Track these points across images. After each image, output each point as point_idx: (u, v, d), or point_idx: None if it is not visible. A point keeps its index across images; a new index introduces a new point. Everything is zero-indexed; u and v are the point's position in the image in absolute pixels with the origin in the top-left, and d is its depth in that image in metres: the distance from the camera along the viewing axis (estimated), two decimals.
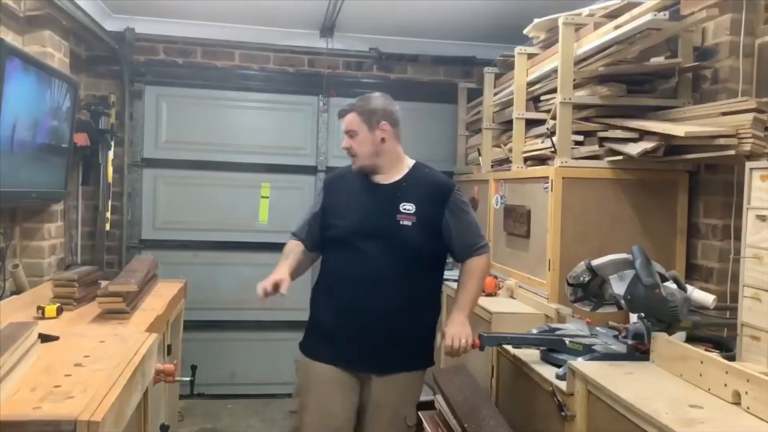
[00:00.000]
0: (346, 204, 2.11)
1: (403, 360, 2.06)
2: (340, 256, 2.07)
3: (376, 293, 2.00)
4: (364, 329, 2.00)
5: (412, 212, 2.02)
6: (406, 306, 2.02)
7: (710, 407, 1.40)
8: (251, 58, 4.06)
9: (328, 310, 2.07)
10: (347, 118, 2.10)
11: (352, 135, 2.08)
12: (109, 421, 1.23)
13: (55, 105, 2.86)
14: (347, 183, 2.14)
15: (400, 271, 2.01)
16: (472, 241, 2.08)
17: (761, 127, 2.00)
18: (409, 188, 2.07)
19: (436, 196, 2.06)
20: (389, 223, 2.02)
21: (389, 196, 2.05)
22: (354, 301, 2.02)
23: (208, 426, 3.63)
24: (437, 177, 2.14)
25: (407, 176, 2.10)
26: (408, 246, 2.01)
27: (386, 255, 2.01)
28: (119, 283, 2.13)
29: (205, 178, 4.01)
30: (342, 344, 2.03)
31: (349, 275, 2.04)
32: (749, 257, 1.68)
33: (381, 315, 2.00)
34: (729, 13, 2.33)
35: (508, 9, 3.34)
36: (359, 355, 2.02)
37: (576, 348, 1.91)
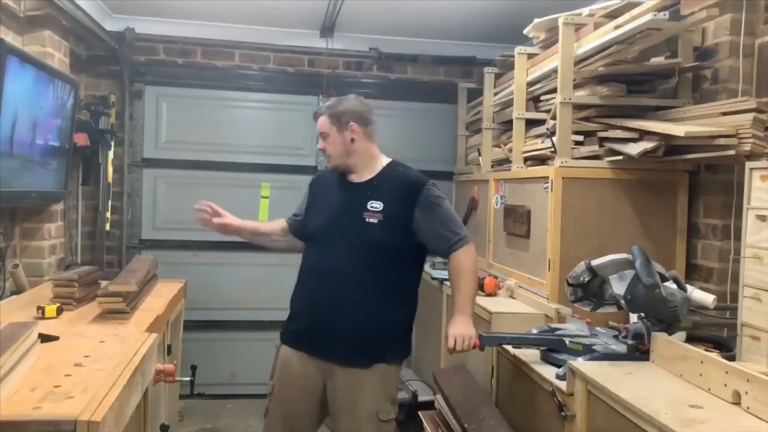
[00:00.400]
0: (320, 203, 2.24)
1: (369, 354, 2.07)
2: (312, 251, 2.19)
3: (340, 288, 2.07)
4: (328, 321, 2.08)
5: (379, 210, 2.08)
6: (371, 301, 2.07)
7: (710, 407, 1.40)
8: (251, 58, 4.06)
9: (300, 301, 2.19)
10: (319, 120, 2.20)
11: (324, 137, 2.18)
12: (109, 421, 1.23)
13: (55, 105, 2.86)
14: (326, 183, 2.26)
15: (366, 267, 2.07)
16: (447, 235, 2.09)
17: (761, 127, 2.00)
18: (379, 186, 2.13)
19: (406, 193, 2.11)
20: (355, 221, 2.09)
21: (358, 195, 2.13)
22: (320, 295, 2.11)
23: (208, 426, 3.63)
24: (409, 175, 2.18)
25: (379, 175, 2.17)
26: (372, 243, 2.07)
27: (351, 252, 2.08)
28: (119, 283, 2.13)
29: (205, 178, 4.01)
30: (308, 333, 2.13)
31: (318, 270, 2.14)
32: (749, 257, 1.68)
33: (344, 309, 2.07)
34: (729, 13, 2.33)
35: (508, 9, 3.34)
36: (322, 344, 2.09)
37: (576, 348, 1.91)
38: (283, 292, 4.38)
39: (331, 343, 2.08)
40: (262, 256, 4.05)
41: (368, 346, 2.08)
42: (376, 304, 2.08)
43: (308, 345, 2.13)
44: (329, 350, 2.09)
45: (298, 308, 2.19)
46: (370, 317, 2.07)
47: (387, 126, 4.20)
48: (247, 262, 4.03)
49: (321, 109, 2.22)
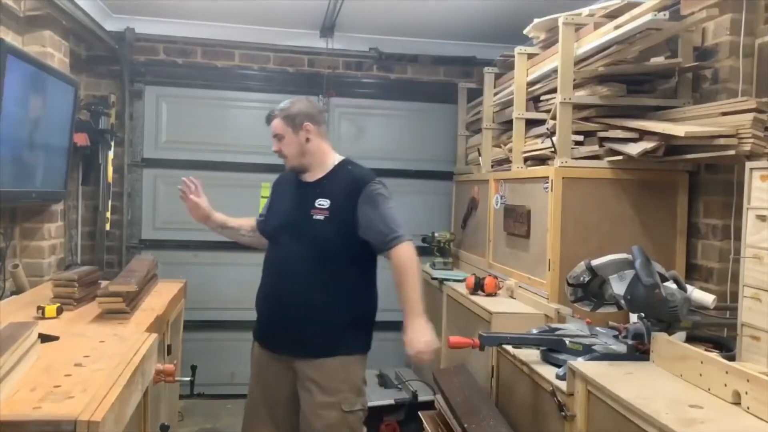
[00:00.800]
0: (277, 203, 2.35)
1: (325, 346, 2.14)
2: (269, 250, 2.31)
3: (291, 283, 2.17)
4: (281, 316, 2.19)
5: (326, 207, 2.16)
6: (321, 295, 2.14)
7: (710, 407, 1.40)
8: (251, 58, 4.07)
9: (259, 298, 2.30)
10: (273, 123, 2.26)
11: (279, 138, 2.25)
12: (109, 421, 1.23)
13: (55, 105, 2.86)
14: (285, 183, 2.36)
15: (314, 262, 2.14)
16: (385, 231, 2.12)
17: (761, 127, 2.00)
18: (328, 185, 2.21)
19: (351, 190, 2.16)
20: (303, 219, 2.17)
21: (308, 194, 2.21)
22: (274, 291, 2.23)
23: (208, 426, 3.63)
24: (356, 172, 2.24)
25: (329, 173, 2.25)
26: (319, 239, 2.15)
27: (300, 248, 2.17)
28: (119, 283, 2.13)
29: (205, 178, 3.93)
30: (266, 328, 2.27)
31: (272, 267, 2.26)
32: (749, 257, 1.68)
33: (295, 303, 2.16)
34: (729, 13, 2.33)
35: (508, 9, 3.34)
36: (279, 339, 2.22)
37: (576, 348, 1.91)
38: None
39: (286, 337, 2.19)
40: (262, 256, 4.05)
41: (320, 338, 2.14)
42: (325, 298, 2.14)
43: (269, 340, 2.26)
44: (285, 344, 2.20)
45: (258, 305, 2.31)
46: (320, 311, 2.14)
47: (387, 126, 4.21)
48: (246, 262, 4.00)
49: (274, 112, 2.27)
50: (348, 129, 4.17)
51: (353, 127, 4.18)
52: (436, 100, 4.21)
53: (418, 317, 2.07)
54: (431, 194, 4.21)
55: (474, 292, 2.80)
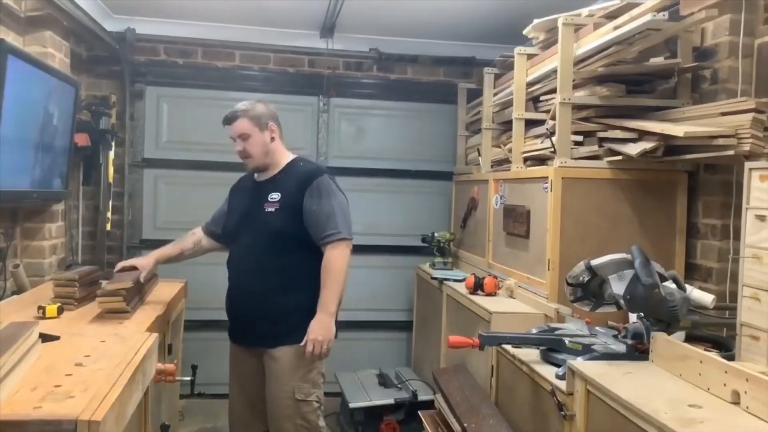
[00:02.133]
0: (234, 205, 2.45)
1: (281, 335, 2.25)
2: (231, 247, 2.41)
3: (248, 274, 2.29)
4: (243, 308, 2.32)
5: (277, 200, 2.27)
6: (277, 286, 2.24)
7: (709, 407, 1.41)
8: (251, 59, 4.07)
9: (227, 295, 2.40)
10: (237, 123, 2.31)
11: (244, 138, 2.31)
12: (110, 420, 1.23)
13: (56, 105, 2.86)
14: (240, 188, 2.48)
15: (267, 254, 2.26)
16: (322, 226, 2.23)
17: (760, 127, 2.00)
18: (280, 180, 2.33)
19: (300, 184, 2.28)
20: (257, 213, 2.29)
21: (262, 190, 2.33)
22: (235, 286, 2.35)
23: (208, 425, 3.64)
24: (307, 167, 2.38)
25: (282, 171, 2.36)
26: (270, 229, 2.25)
27: (254, 240, 2.28)
28: (114, 282, 2.13)
29: (206, 178, 4.01)
30: (236, 324, 2.38)
31: (233, 262, 2.37)
32: (748, 257, 1.68)
33: (252, 295, 2.28)
34: (728, 14, 2.33)
35: (508, 9, 3.34)
36: (243, 331, 2.35)
37: (575, 348, 1.91)
38: None
39: (247, 329, 2.32)
40: None
41: (275, 328, 2.25)
42: (279, 288, 2.25)
43: (237, 334, 2.39)
44: (249, 335, 2.32)
45: (226, 302, 2.41)
46: (275, 301, 2.25)
47: (387, 126, 4.22)
48: None
49: (236, 113, 2.32)
50: (348, 129, 4.17)
51: (353, 127, 4.18)
52: (435, 101, 4.21)
53: (326, 314, 2.20)
54: (431, 194, 4.22)
55: (474, 292, 2.80)
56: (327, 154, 4.12)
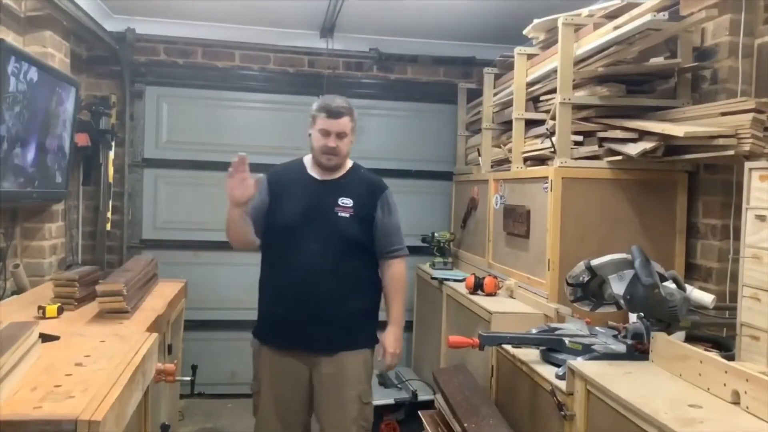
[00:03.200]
0: (290, 198, 2.29)
1: (347, 341, 2.24)
2: (285, 246, 2.24)
3: (317, 279, 2.20)
4: (309, 313, 2.19)
5: (350, 206, 2.25)
6: (344, 290, 2.22)
7: (709, 407, 1.41)
8: (251, 59, 4.07)
9: (276, 297, 2.26)
10: (343, 120, 2.25)
11: (341, 136, 2.25)
12: (110, 420, 1.23)
13: (56, 105, 2.86)
14: (289, 179, 2.33)
15: (338, 258, 2.22)
16: (393, 241, 2.33)
17: (760, 127, 2.00)
18: (348, 185, 2.30)
19: (371, 194, 2.31)
20: (328, 215, 2.23)
21: (329, 192, 2.27)
22: (298, 288, 2.21)
23: (208, 425, 3.64)
24: (373, 177, 2.40)
25: (347, 174, 2.33)
26: (344, 235, 2.23)
27: (327, 243, 2.21)
28: (107, 282, 2.12)
29: (206, 178, 4.01)
30: (291, 329, 2.22)
31: (294, 264, 2.22)
32: (748, 257, 1.68)
33: (322, 299, 2.20)
34: (728, 14, 2.33)
35: (508, 9, 3.34)
36: (307, 338, 2.21)
37: (575, 348, 1.91)
38: None
39: (315, 335, 2.20)
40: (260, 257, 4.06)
41: (351, 332, 2.24)
42: (352, 292, 2.24)
43: (292, 341, 2.23)
44: (314, 343, 2.21)
45: (276, 304, 2.26)
46: (345, 305, 2.22)
47: (387, 126, 4.22)
48: (247, 262, 3.99)
49: (342, 110, 2.25)
50: None
51: None
52: (435, 101, 4.21)
53: (399, 328, 2.33)
54: (431, 194, 4.22)
55: (474, 292, 2.80)
56: None
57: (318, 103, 2.30)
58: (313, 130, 2.29)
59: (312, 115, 2.30)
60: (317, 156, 2.29)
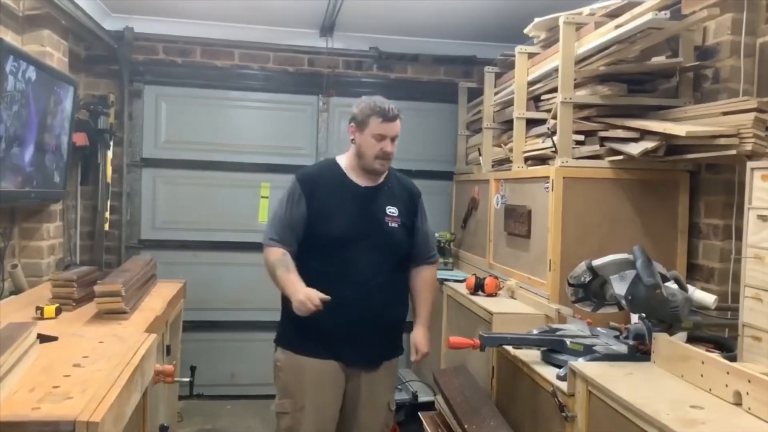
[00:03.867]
0: (338, 207, 2.14)
1: (387, 351, 2.24)
2: (331, 257, 2.11)
3: (372, 293, 2.11)
4: (364, 327, 2.11)
5: (397, 215, 2.18)
6: (394, 302, 2.21)
7: (711, 408, 1.40)
8: (251, 58, 4.06)
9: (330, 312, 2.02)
10: (398, 123, 2.16)
11: (394, 139, 2.16)
12: (108, 421, 1.22)
13: (54, 104, 2.85)
14: (329, 185, 2.17)
15: (388, 270, 2.16)
16: (431, 247, 2.35)
17: (762, 126, 1.99)
18: (391, 192, 2.22)
19: (410, 200, 2.27)
20: (379, 225, 2.15)
21: (376, 199, 2.18)
22: (353, 301, 2.08)
23: (207, 427, 3.63)
24: (408, 181, 2.35)
25: (387, 180, 2.24)
26: (395, 247, 2.18)
27: (379, 256, 2.14)
28: (105, 283, 2.12)
29: (205, 177, 4.01)
30: (341, 342, 2.12)
31: (343, 276, 2.09)
32: (750, 257, 1.68)
33: (378, 313, 2.13)
34: (730, 13, 2.32)
35: (509, 8, 3.34)
36: (357, 352, 2.14)
37: (577, 348, 1.90)
38: None
39: (369, 348, 2.15)
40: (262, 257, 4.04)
41: (390, 343, 2.24)
42: (398, 303, 2.23)
43: (346, 353, 2.13)
44: (364, 356, 2.16)
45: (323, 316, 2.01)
46: (394, 318, 2.22)
47: None
48: (246, 262, 4.02)
49: (397, 111, 2.15)
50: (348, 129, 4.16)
51: None
52: (436, 100, 4.20)
53: (427, 329, 2.31)
54: (431, 194, 4.17)
55: (474, 293, 2.79)
56: (327, 153, 4.10)
57: (367, 106, 2.16)
58: (362, 134, 2.15)
59: (360, 119, 2.16)
60: (369, 162, 2.15)
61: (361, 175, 2.20)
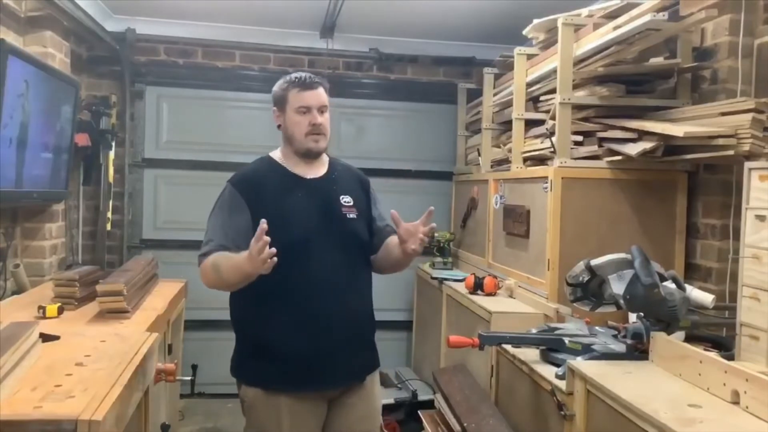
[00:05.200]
0: (285, 207, 1.82)
1: (371, 361, 1.95)
2: (288, 265, 1.70)
3: (338, 297, 1.81)
4: (341, 339, 1.81)
5: (352, 204, 1.89)
6: (363, 303, 1.91)
7: (709, 407, 1.41)
8: (252, 59, 4.07)
9: (285, 327, 1.79)
10: (320, 91, 1.86)
11: (323, 110, 1.86)
12: (110, 420, 1.23)
13: (56, 105, 2.86)
14: (271, 184, 1.85)
15: (359, 268, 1.90)
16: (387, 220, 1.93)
17: (760, 127, 2.00)
18: (339, 180, 1.93)
19: (361, 187, 1.98)
20: (337, 218, 1.85)
21: (327, 191, 1.88)
22: (317, 311, 1.79)
23: (208, 425, 3.63)
24: (354, 169, 2.05)
25: (332, 168, 1.95)
26: (358, 240, 1.88)
27: (343, 254, 1.84)
28: (107, 282, 2.13)
29: (206, 178, 4.01)
30: (318, 362, 1.79)
31: (306, 283, 1.79)
32: (748, 257, 1.69)
33: (349, 319, 1.83)
34: (728, 14, 2.33)
35: (508, 9, 3.34)
36: (339, 369, 1.82)
37: (575, 347, 1.91)
38: None
39: (351, 362, 1.84)
40: None
41: (371, 352, 1.95)
42: (367, 305, 1.93)
43: (326, 376, 1.81)
44: (342, 372, 1.84)
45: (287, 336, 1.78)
46: (369, 323, 1.93)
47: (387, 126, 4.22)
48: None
49: (315, 78, 1.87)
50: (348, 129, 4.17)
51: (353, 127, 4.18)
52: (435, 101, 4.21)
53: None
54: (431, 194, 4.20)
55: (473, 292, 2.80)
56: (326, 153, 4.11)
57: (283, 81, 1.92)
58: (284, 114, 1.90)
59: (278, 98, 1.92)
60: (301, 142, 1.86)
61: (302, 165, 1.89)
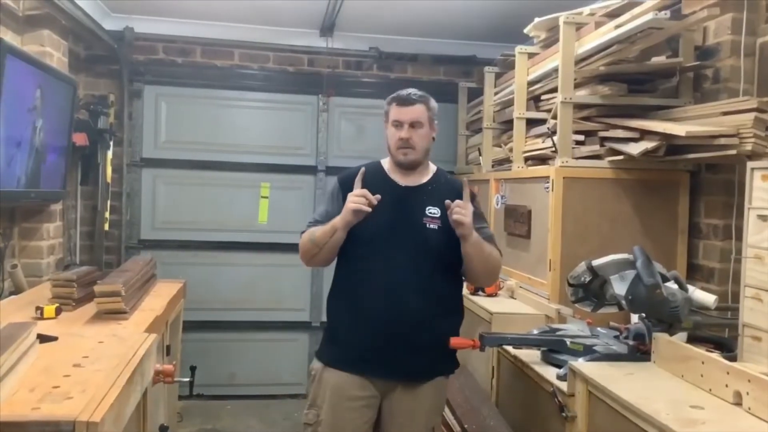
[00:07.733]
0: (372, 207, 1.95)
1: (430, 368, 1.99)
2: (364, 261, 1.96)
3: (403, 299, 1.92)
4: (393, 336, 1.91)
5: (438, 216, 1.96)
6: (432, 312, 1.95)
7: (711, 408, 1.40)
8: (251, 58, 4.06)
9: (352, 317, 1.97)
10: (416, 108, 2.03)
11: (415, 126, 2.01)
12: (108, 421, 1.22)
13: (54, 104, 2.85)
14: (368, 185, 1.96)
15: (427, 275, 1.95)
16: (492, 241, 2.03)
17: (762, 126, 2.00)
18: (434, 192, 2.01)
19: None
20: (415, 227, 1.96)
21: (416, 200, 2.00)
22: (381, 308, 1.92)
23: (207, 427, 3.63)
24: (459, 183, 2.07)
25: (432, 180, 2.05)
26: (433, 250, 1.95)
27: (413, 260, 1.94)
28: (105, 283, 2.12)
29: (205, 178, 4.01)
30: (368, 353, 1.94)
31: (375, 281, 1.94)
32: (750, 257, 1.68)
33: (413, 322, 1.92)
34: (730, 13, 2.32)
35: (509, 8, 3.34)
36: (386, 363, 1.93)
37: (577, 348, 1.90)
38: (283, 293, 4.37)
39: (400, 360, 1.93)
40: (262, 257, 4.05)
41: (434, 359, 1.99)
42: (439, 314, 1.98)
43: (372, 366, 1.94)
44: (394, 368, 1.94)
45: (352, 325, 1.96)
46: (435, 329, 1.96)
47: None
48: (246, 262, 4.03)
49: (413, 96, 2.05)
50: (348, 129, 4.16)
51: (353, 126, 4.17)
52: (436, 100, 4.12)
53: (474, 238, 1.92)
54: None
55: (475, 293, 2.79)
56: (327, 153, 4.11)
57: (389, 97, 2.10)
58: (387, 126, 2.07)
59: (385, 110, 2.09)
60: (393, 154, 2.03)
61: (400, 173, 2.04)
